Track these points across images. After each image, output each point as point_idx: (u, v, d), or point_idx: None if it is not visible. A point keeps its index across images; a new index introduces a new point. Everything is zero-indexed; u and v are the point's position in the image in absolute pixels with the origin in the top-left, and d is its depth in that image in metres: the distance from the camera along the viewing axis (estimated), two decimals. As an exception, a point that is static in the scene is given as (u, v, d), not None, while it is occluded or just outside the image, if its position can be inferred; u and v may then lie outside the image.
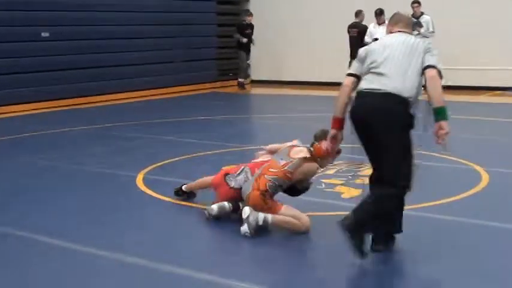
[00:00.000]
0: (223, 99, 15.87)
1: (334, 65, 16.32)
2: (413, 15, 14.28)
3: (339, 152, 5.16)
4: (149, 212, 5.87)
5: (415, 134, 4.44)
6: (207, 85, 17.43)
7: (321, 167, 5.39)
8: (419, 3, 14.29)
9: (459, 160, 7.59)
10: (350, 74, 4.68)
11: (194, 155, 8.27)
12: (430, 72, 4.35)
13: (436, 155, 7.72)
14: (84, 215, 5.78)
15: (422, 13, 14.30)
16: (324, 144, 5.08)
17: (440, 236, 5.06)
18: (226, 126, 11.09)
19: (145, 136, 9.84)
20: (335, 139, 4.78)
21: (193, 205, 5.94)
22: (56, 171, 7.57)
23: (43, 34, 13.72)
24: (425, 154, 7.31)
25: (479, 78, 14.89)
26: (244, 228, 5.00)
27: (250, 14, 17.04)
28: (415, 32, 14.12)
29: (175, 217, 5.72)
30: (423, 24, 14.20)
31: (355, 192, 6.14)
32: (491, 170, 7.03)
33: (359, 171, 7.03)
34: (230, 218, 5.39)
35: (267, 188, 5.15)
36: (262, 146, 5.94)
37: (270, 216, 5.06)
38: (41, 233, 5.19)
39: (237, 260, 4.65)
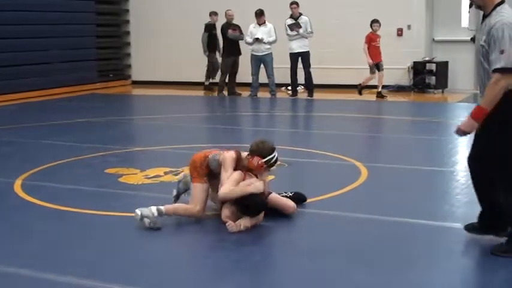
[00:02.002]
0: (104, 101, 15.53)
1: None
2: (291, 16, 14.57)
3: (271, 166, 5.34)
4: (29, 219, 5.63)
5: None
6: (87, 86, 16.97)
7: (257, 176, 5.34)
8: (297, 4, 14.56)
9: (340, 157, 7.81)
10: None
11: (75, 158, 8.03)
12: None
13: (319, 152, 7.92)
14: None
15: (300, 14, 14.57)
16: (256, 160, 5.25)
17: (322, 230, 5.20)
18: (107, 128, 10.85)
19: (22, 140, 9.46)
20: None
21: (76, 210, 5.78)
22: None
23: None
24: (308, 152, 7.49)
25: (354, 77, 15.26)
26: (146, 222, 5.14)
27: (215, 14, 16.26)
28: (294, 33, 14.47)
29: (57, 224, 5.51)
30: (302, 25, 14.48)
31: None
32: (370, 165, 7.30)
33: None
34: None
35: (208, 159, 5.38)
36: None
37: (162, 207, 5.22)
38: None
39: (122, 264, 4.55)
